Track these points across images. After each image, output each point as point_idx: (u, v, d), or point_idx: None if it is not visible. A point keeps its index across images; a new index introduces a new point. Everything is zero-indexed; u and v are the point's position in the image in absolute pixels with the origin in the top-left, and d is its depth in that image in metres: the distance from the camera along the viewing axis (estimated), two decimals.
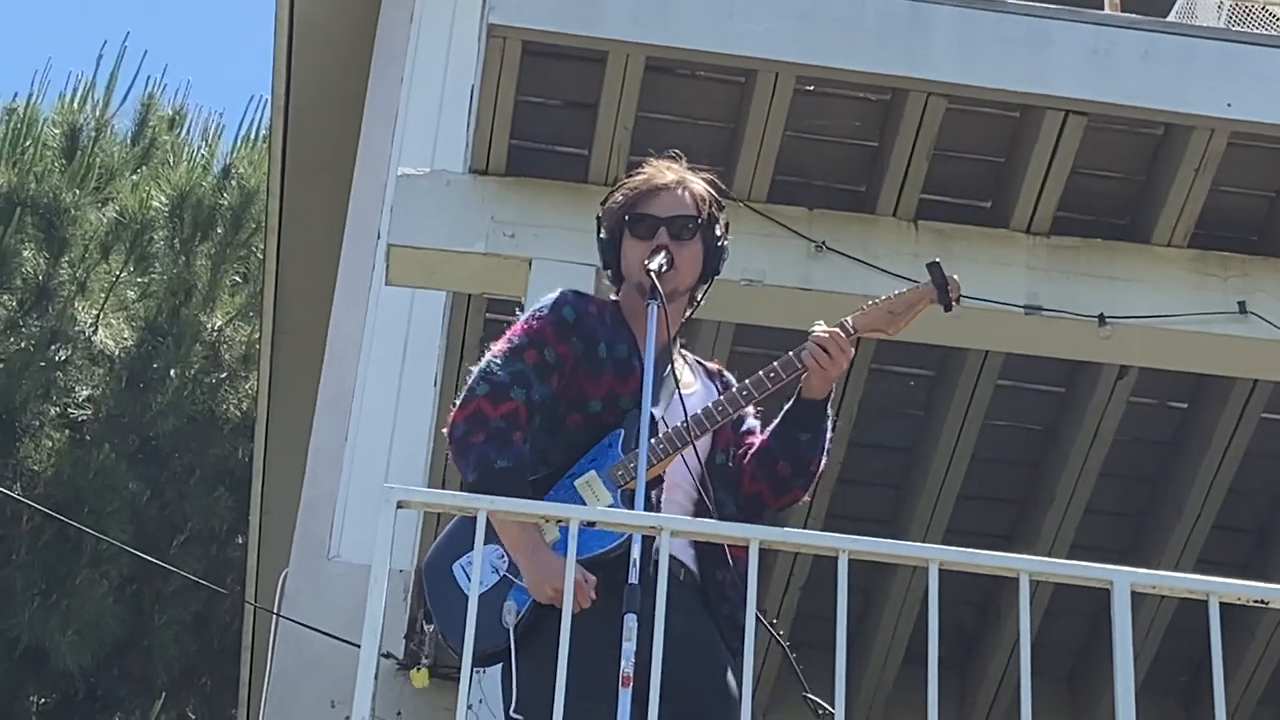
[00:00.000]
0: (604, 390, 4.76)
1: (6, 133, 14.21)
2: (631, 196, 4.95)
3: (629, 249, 4.91)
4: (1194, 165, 6.30)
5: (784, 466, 4.82)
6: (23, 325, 13.29)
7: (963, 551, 4.85)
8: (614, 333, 4.83)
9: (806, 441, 4.81)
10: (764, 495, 4.87)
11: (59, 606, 12.46)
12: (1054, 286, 6.39)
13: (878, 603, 7.69)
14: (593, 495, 4.63)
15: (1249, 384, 7.05)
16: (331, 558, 7.68)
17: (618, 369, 4.76)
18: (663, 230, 4.89)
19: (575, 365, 4.72)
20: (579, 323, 4.77)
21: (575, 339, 4.74)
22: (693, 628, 4.55)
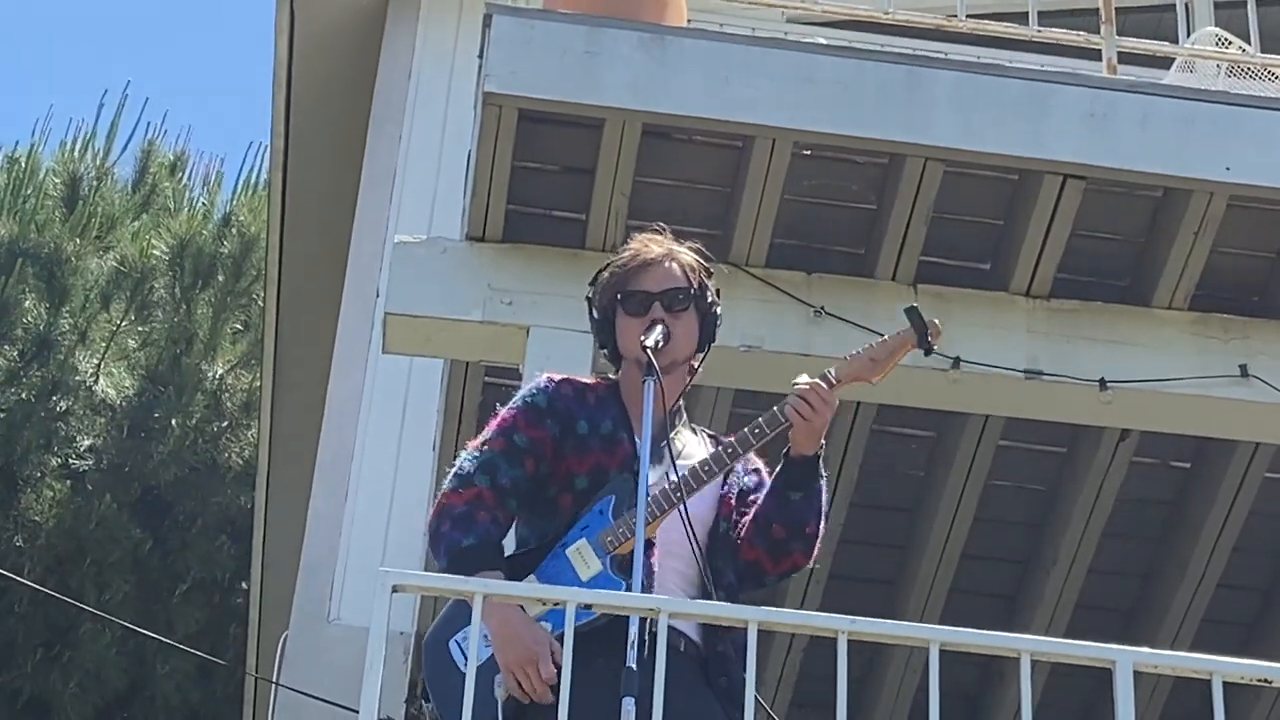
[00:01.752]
0: (589, 467, 4.78)
1: (8, 182, 14.23)
2: (621, 274, 4.95)
3: (623, 327, 4.92)
4: (1193, 228, 6.29)
5: (779, 530, 4.79)
6: (24, 376, 13.31)
7: (963, 632, 4.83)
8: (598, 410, 4.84)
9: (799, 501, 4.77)
10: (762, 562, 4.84)
11: (61, 658, 12.45)
12: (1054, 350, 6.38)
13: (880, 666, 7.67)
14: (583, 563, 4.64)
15: (1251, 446, 7.04)
16: (331, 620, 7.68)
17: (603, 445, 4.78)
18: (656, 305, 4.90)
19: (555, 447, 4.75)
20: (551, 407, 4.80)
21: (549, 421, 4.78)
22: (692, 701, 4.54)
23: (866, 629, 4.61)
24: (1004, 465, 7.32)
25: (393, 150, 8.50)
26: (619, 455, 4.74)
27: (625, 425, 4.84)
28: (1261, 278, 6.51)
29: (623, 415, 4.85)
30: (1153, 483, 7.46)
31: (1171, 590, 7.58)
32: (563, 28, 6.16)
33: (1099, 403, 6.38)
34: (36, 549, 12.77)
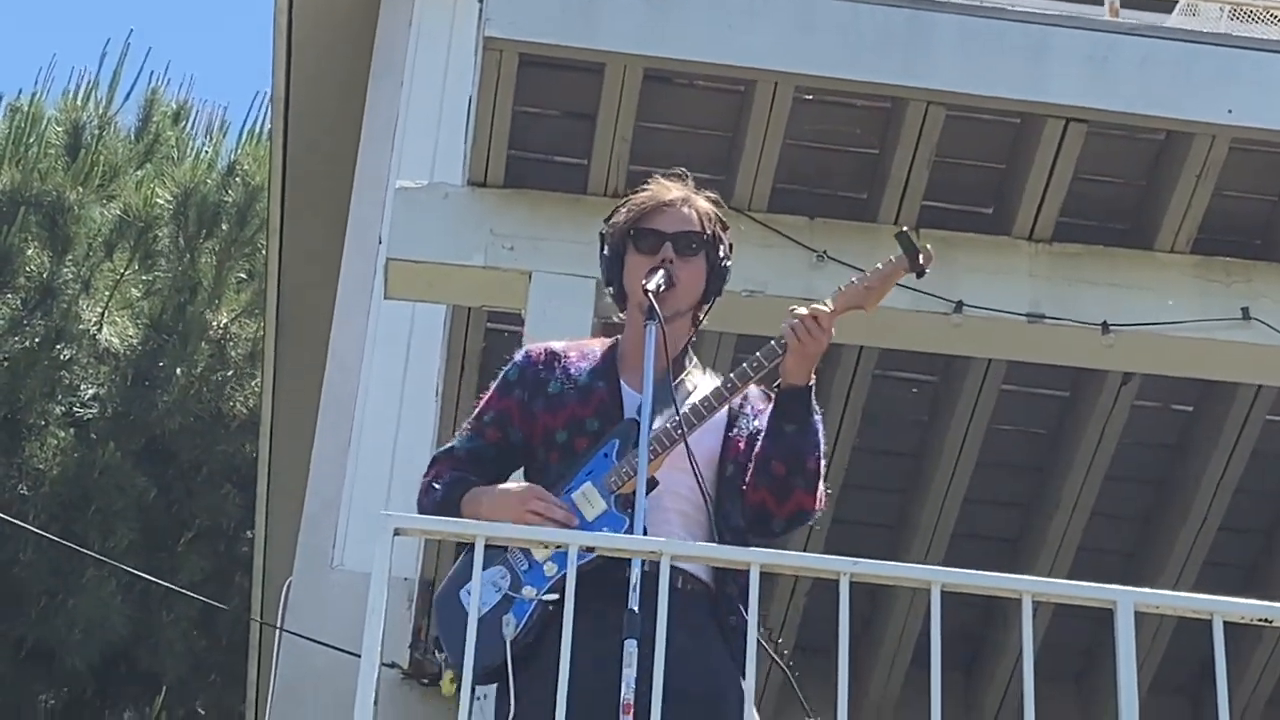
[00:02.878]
0: (565, 420, 4.79)
1: (10, 131, 14.21)
2: (636, 212, 4.93)
3: (632, 265, 4.90)
4: (1195, 171, 6.29)
5: (778, 466, 4.75)
6: (27, 324, 13.30)
7: (964, 573, 4.83)
8: (576, 367, 4.87)
9: (794, 434, 4.72)
10: (767, 504, 4.81)
11: (65, 606, 12.47)
12: (1057, 294, 6.39)
13: (885, 607, 7.70)
14: (588, 504, 4.65)
15: (1254, 388, 7.05)
16: (335, 566, 7.70)
17: (579, 396, 4.79)
18: (668, 245, 4.87)
19: (523, 410, 4.79)
20: (521, 377, 4.83)
21: (517, 391, 4.81)
22: (696, 641, 4.54)
23: (868, 570, 4.62)
24: (1006, 409, 7.33)
25: (394, 97, 8.50)
26: (593, 403, 4.74)
27: (605, 375, 4.83)
28: (1264, 221, 6.53)
29: (607, 366, 4.85)
30: (1155, 426, 7.49)
31: (1174, 533, 7.61)
32: None
33: (1101, 346, 6.38)
34: (41, 496, 12.79)
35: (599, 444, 4.65)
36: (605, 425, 4.70)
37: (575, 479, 4.68)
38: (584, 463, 4.68)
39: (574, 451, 4.72)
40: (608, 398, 4.72)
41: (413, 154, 8.10)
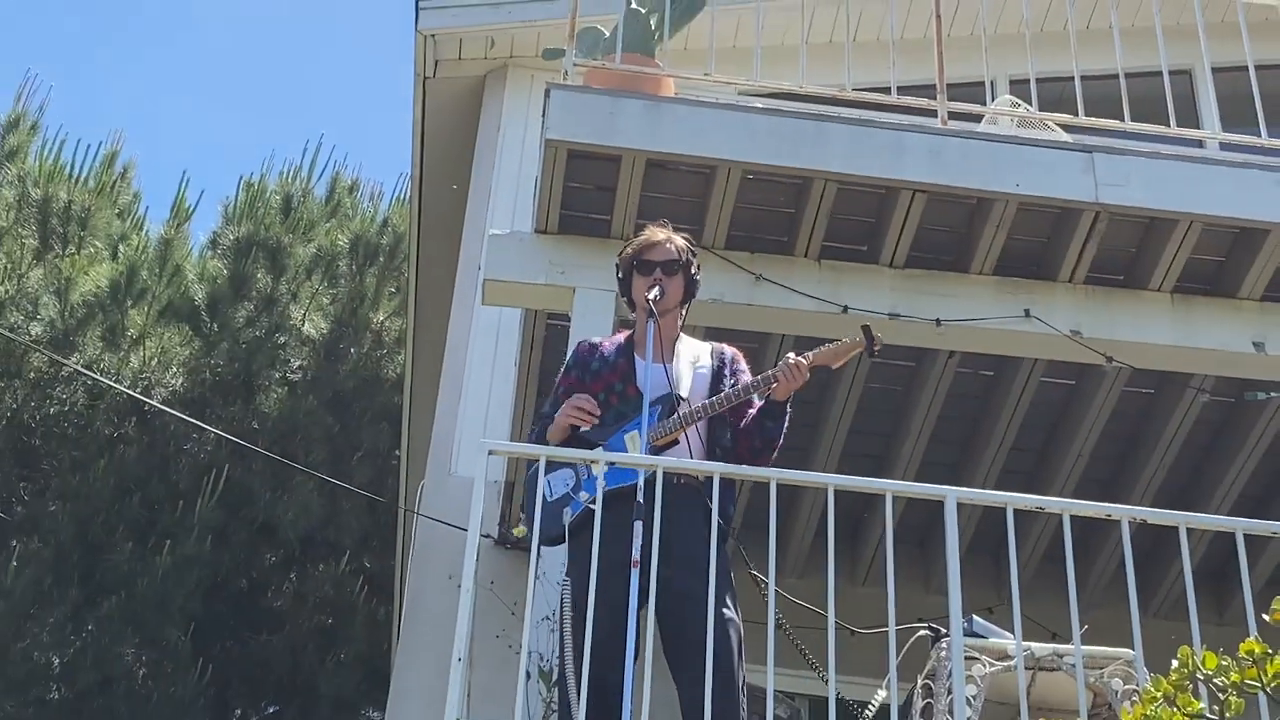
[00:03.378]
0: (601, 386, 4.93)
1: (246, 197, 14.21)
2: (637, 249, 5.05)
3: (636, 283, 5.02)
4: (995, 223, 6.28)
5: (758, 442, 4.96)
6: (257, 321, 13.33)
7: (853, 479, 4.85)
8: (607, 350, 5.01)
9: (771, 427, 4.94)
10: (744, 456, 4.97)
11: (282, 499, 12.49)
12: (909, 301, 6.37)
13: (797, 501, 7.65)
14: (633, 445, 4.75)
15: (1031, 362, 7.03)
16: (451, 474, 7.69)
17: (609, 368, 4.98)
18: (658, 269, 5.00)
19: (579, 382, 4.94)
20: (576, 363, 5.06)
21: (575, 371, 4.95)
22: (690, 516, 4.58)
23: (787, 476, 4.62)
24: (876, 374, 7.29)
25: (489, 175, 8.49)
26: (618, 372, 4.94)
27: (625, 353, 4.99)
28: (1038, 254, 6.49)
29: (626, 347, 4.99)
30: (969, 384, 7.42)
31: (981, 451, 7.55)
32: (595, 97, 6.15)
33: (935, 334, 6.37)
34: (265, 430, 12.80)
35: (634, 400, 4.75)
36: (626, 384, 4.83)
37: (628, 426, 4.78)
38: (633, 415, 4.76)
39: (610, 405, 4.83)
40: (626, 367, 4.86)
41: (501, 212, 8.10)
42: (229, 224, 13.88)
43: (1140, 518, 4.87)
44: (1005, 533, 4.59)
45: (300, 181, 14.49)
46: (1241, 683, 3.20)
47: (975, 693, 4.84)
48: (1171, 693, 3.35)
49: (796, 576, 7.52)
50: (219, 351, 12.98)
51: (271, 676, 13.01)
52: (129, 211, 14.49)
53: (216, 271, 13.51)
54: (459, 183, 8.90)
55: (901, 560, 4.98)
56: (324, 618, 12.66)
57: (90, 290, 12.63)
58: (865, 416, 7.46)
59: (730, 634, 4.54)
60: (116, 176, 14.31)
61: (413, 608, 7.38)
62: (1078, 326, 6.34)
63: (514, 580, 5.97)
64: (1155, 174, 6.26)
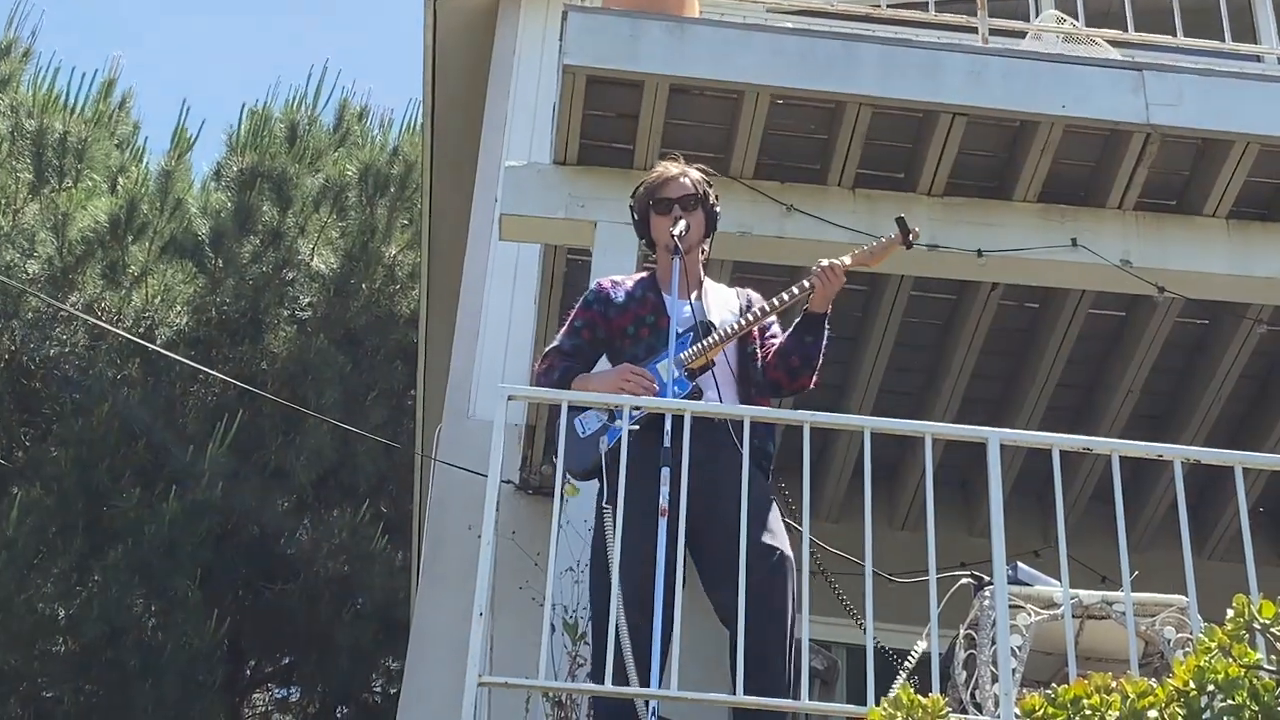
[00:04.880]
0: (630, 319, 4.94)
1: (250, 126, 14.19)
2: (652, 187, 5.05)
3: (655, 223, 5.05)
4: (1040, 147, 6.24)
5: (795, 360, 4.94)
6: (264, 256, 13.34)
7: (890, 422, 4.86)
8: (631, 287, 5.02)
9: (811, 342, 4.93)
10: (781, 381, 4.99)
11: (294, 442, 12.53)
12: (948, 230, 6.34)
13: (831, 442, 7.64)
14: (667, 373, 4.78)
15: (1078, 293, 7.00)
16: (469, 417, 7.71)
17: (636, 304, 4.99)
18: (676, 206, 5.00)
19: (602, 317, 4.95)
20: (596, 298, 5.03)
21: (595, 306, 4.98)
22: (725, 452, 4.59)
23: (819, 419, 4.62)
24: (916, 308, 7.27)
25: (504, 103, 8.45)
26: (647, 306, 4.94)
27: (651, 288, 5.00)
28: (1085, 180, 6.46)
29: (651, 283, 5.00)
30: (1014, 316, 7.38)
31: (1026, 388, 7.55)
32: (614, 20, 6.11)
33: (976, 265, 6.35)
34: (275, 370, 12.84)
35: (664, 338, 4.77)
36: (657, 318, 4.85)
37: (660, 355, 4.81)
38: (664, 346, 4.79)
39: (641, 338, 4.85)
40: (656, 301, 4.87)
41: (517, 142, 8.07)
42: (233, 154, 13.87)
43: (1193, 458, 4.86)
44: (1051, 474, 4.59)
45: (306, 109, 14.49)
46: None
47: (1020, 643, 4.86)
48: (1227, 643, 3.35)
49: (832, 521, 7.53)
50: (225, 289, 13.00)
51: (286, 626, 13.12)
52: (128, 142, 14.50)
53: (220, 204, 13.51)
54: (473, 110, 8.86)
55: (942, 503, 4.99)
56: (339, 565, 12.73)
57: (89, 225, 12.65)
58: (903, 353, 7.44)
59: (786, 578, 4.57)
60: (114, 106, 14.31)
61: (432, 556, 7.42)
62: (1127, 255, 6.30)
63: (536, 529, 5.98)
64: (1209, 93, 6.21)
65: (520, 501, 7.17)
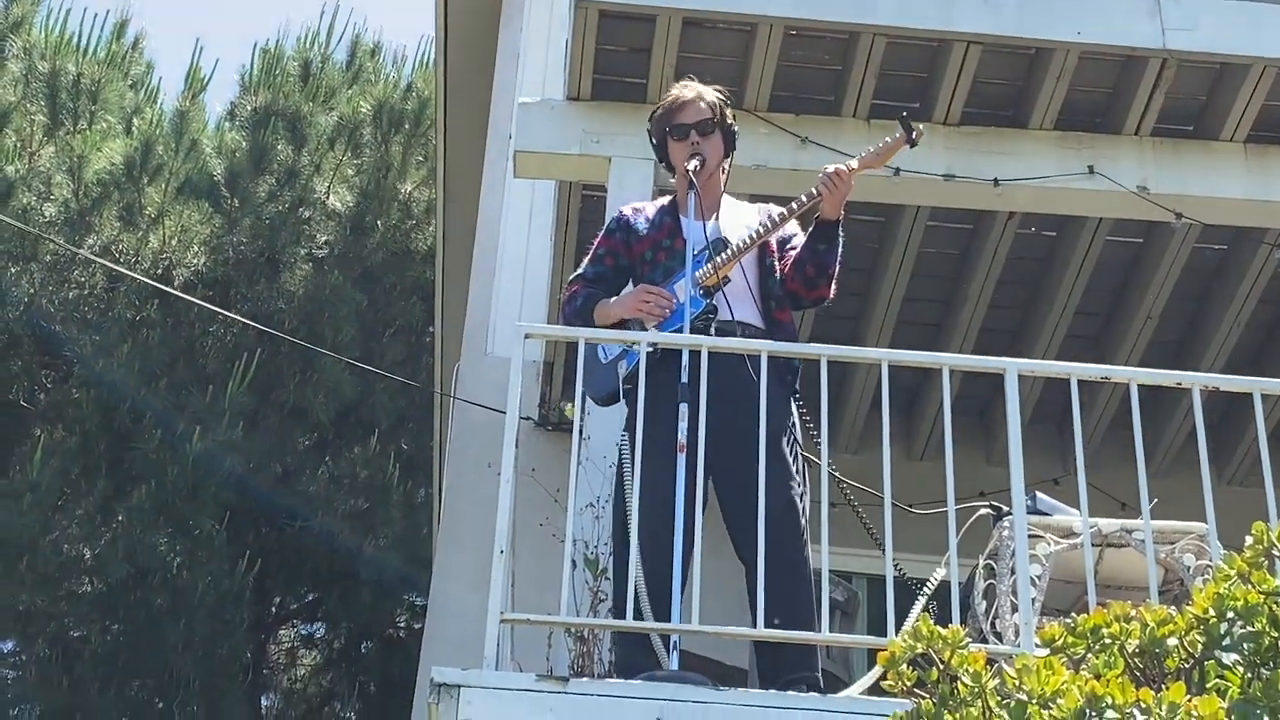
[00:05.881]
0: (649, 244, 4.95)
1: (263, 65, 14.14)
2: (668, 111, 5.04)
3: (673, 148, 5.03)
4: (1056, 74, 6.21)
5: (810, 269, 4.91)
6: (279, 195, 13.33)
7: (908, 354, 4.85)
8: (651, 213, 5.01)
9: (824, 251, 4.90)
10: (799, 292, 4.97)
11: (311, 380, 12.55)
12: (963, 160, 6.31)
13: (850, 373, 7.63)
14: (683, 292, 4.80)
15: (1095, 221, 6.98)
16: (487, 354, 7.72)
17: (655, 229, 5.00)
18: (693, 131, 5.01)
19: (624, 244, 4.95)
20: (619, 225, 5.04)
21: (617, 234, 4.98)
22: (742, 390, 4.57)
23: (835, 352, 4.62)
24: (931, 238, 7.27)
25: (516, 40, 8.42)
26: (665, 230, 4.96)
27: (670, 214, 5.01)
28: (1103, 106, 6.43)
29: (671, 208, 5.01)
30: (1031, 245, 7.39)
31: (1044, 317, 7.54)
32: None
33: (994, 195, 6.33)
34: (292, 309, 12.84)
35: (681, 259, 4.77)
36: (673, 241, 4.85)
37: (677, 275, 4.80)
38: (681, 266, 4.78)
39: (658, 262, 4.85)
40: (673, 225, 4.86)
41: (530, 78, 8.04)
42: (246, 93, 13.84)
43: (1212, 385, 4.86)
44: (1070, 401, 4.59)
45: (319, 46, 14.44)
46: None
47: (1040, 572, 4.88)
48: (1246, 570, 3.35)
49: (851, 453, 7.55)
50: (241, 228, 12.99)
51: (310, 564, 13.21)
52: (141, 83, 14.48)
53: (235, 144, 13.49)
54: (486, 46, 8.84)
55: (961, 432, 5.00)
56: (360, 502, 12.78)
57: (104, 168, 12.64)
58: (921, 283, 7.44)
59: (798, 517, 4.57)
60: (127, 47, 14.28)
61: (452, 493, 7.46)
62: (1144, 182, 6.28)
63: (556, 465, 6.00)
64: (1226, 16, 6.16)
65: (540, 438, 7.20)
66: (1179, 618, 3.32)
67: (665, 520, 4.30)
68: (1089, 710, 3.04)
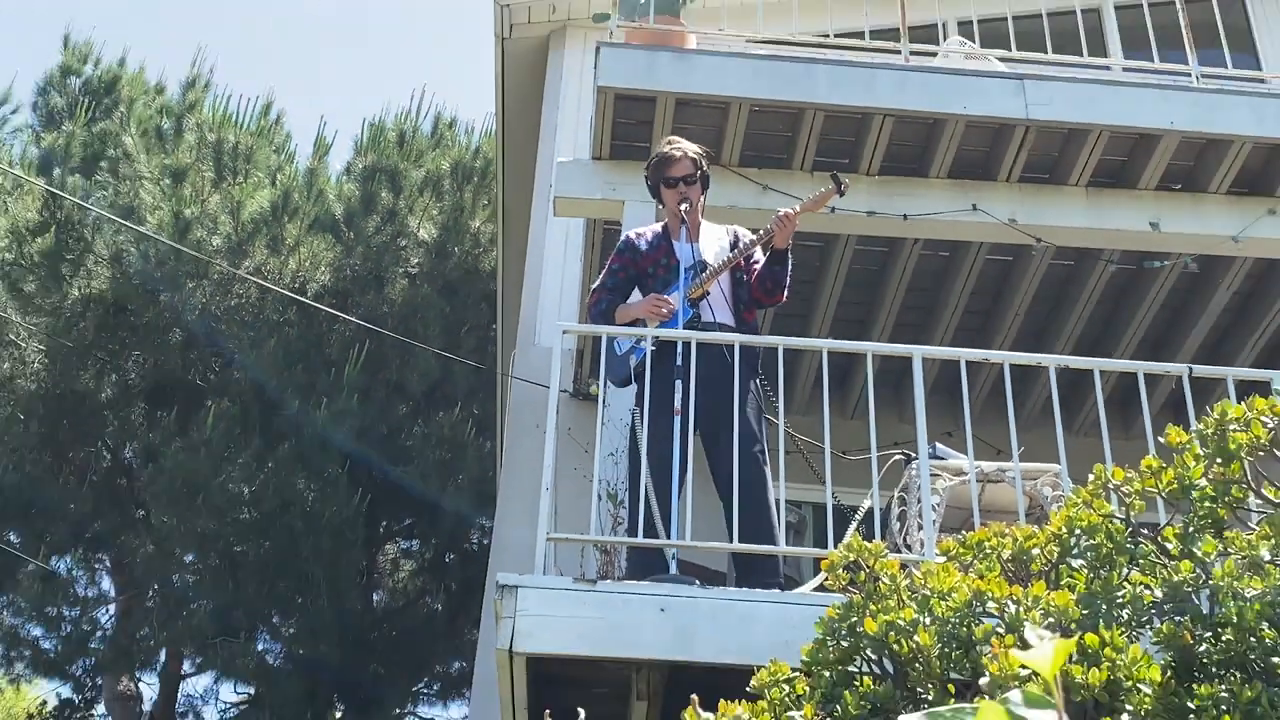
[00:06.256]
0: (650, 262, 4.91)
1: (370, 134, 14.08)
2: (661, 164, 5.01)
3: (666, 194, 4.98)
4: (949, 138, 6.17)
5: (769, 283, 4.94)
6: (382, 229, 13.28)
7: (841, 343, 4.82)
8: (650, 239, 4.96)
9: (779, 270, 4.91)
10: (761, 299, 4.99)
11: (408, 364, 12.50)
12: (883, 201, 6.25)
13: (799, 357, 7.58)
14: (678, 301, 4.75)
15: (978, 244, 6.88)
16: (535, 344, 7.69)
17: (655, 251, 4.92)
18: (680, 182, 4.97)
19: (633, 260, 4.89)
20: (627, 246, 4.97)
21: (626, 253, 4.92)
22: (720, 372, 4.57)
23: (792, 343, 4.57)
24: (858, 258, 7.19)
25: (554, 113, 8.37)
26: (660, 251, 4.90)
27: (665, 237, 4.95)
28: (982, 161, 6.37)
29: (665, 233, 4.96)
30: (930, 260, 7.30)
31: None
32: (635, 52, 6.03)
33: (903, 225, 6.26)
34: (394, 313, 12.82)
35: (675, 272, 4.75)
36: (669, 260, 4.82)
37: (674, 286, 4.79)
38: (676, 279, 4.76)
39: (658, 275, 4.82)
40: (667, 247, 4.82)
41: (565, 142, 8.01)
42: (359, 155, 13.79)
43: (1064, 364, 4.84)
44: (960, 375, 4.57)
45: (411, 120, 14.34)
46: (1142, 490, 3.20)
47: (938, 501, 4.86)
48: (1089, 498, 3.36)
49: (801, 414, 7.52)
50: (355, 254, 12.97)
51: (407, 498, 13.21)
52: (282, 148, 14.43)
53: (350, 193, 13.44)
54: (532, 119, 8.79)
55: (881, 397, 4.98)
56: (444, 453, 12.78)
57: (256, 210, 12.63)
58: (851, 289, 7.41)
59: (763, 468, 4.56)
60: (272, 122, 14.24)
61: (510, 447, 7.44)
62: (1014, 216, 6.24)
63: (587, 426, 6.00)
64: (1073, 94, 6.12)
65: (574, 406, 7.17)
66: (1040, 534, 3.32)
67: (664, 464, 4.31)
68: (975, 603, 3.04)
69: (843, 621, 3.11)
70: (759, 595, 3.99)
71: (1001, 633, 2.90)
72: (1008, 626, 2.92)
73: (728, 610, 3.86)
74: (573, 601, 3.83)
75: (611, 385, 4.89)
